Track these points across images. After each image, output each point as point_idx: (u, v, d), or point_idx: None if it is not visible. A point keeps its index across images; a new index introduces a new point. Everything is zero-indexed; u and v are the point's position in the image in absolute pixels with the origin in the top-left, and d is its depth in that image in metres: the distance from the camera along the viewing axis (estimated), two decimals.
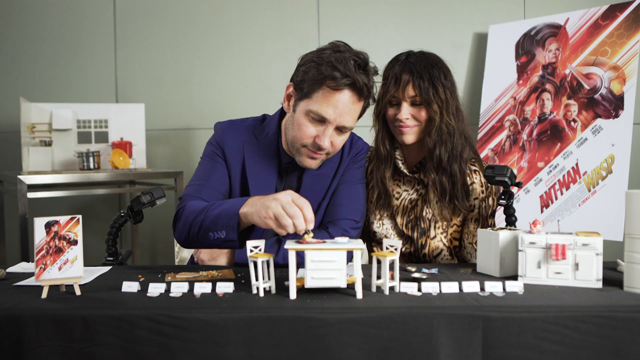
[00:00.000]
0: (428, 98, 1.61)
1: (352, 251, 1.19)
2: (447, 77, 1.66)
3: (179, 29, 3.32)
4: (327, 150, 1.56)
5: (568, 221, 2.77)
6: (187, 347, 1.07)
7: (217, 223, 1.43)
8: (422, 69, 1.63)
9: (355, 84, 1.49)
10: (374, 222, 1.76)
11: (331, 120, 1.51)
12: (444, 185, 1.66)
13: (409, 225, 1.72)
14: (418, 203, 1.72)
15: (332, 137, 1.54)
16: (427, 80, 1.61)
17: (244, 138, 1.67)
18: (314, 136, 1.53)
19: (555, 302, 1.13)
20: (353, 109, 1.53)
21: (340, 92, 1.49)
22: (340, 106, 1.50)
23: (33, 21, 3.30)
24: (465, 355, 1.08)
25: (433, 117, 1.62)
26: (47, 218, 1.20)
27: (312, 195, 1.63)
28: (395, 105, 1.67)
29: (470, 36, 3.26)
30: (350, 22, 3.28)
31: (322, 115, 1.50)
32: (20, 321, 1.08)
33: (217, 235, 1.44)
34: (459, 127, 1.66)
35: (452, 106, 1.65)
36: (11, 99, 3.19)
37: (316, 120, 1.52)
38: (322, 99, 1.50)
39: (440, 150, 1.64)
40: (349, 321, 1.07)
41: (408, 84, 1.63)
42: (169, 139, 3.34)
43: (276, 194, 1.32)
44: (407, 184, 1.75)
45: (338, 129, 1.54)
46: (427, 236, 1.70)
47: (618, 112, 2.71)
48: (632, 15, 2.73)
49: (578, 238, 1.27)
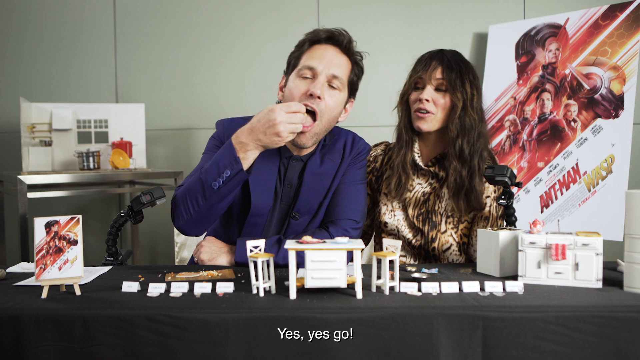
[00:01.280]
0: (454, 85, 1.66)
1: (352, 251, 1.19)
2: (476, 79, 1.72)
3: (179, 29, 3.32)
4: (319, 104, 1.53)
5: (568, 221, 2.77)
6: (187, 347, 1.07)
7: (218, 167, 1.44)
8: (453, 61, 1.70)
9: (334, 37, 1.58)
10: (386, 213, 1.77)
11: (320, 70, 1.54)
12: (463, 176, 1.68)
13: (420, 217, 1.73)
14: (430, 197, 1.74)
15: (324, 90, 1.55)
16: (456, 71, 1.67)
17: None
18: (306, 91, 1.54)
19: (555, 302, 1.13)
20: (338, 61, 1.57)
21: (322, 45, 1.58)
22: (327, 56, 1.56)
23: (33, 21, 3.30)
24: (465, 355, 1.08)
25: (456, 104, 1.66)
26: (47, 218, 1.20)
27: (312, 195, 1.63)
28: (419, 89, 1.71)
29: (470, 36, 3.26)
30: (350, 22, 3.28)
31: (310, 65, 1.55)
32: (20, 321, 1.08)
33: (223, 176, 1.43)
34: (481, 127, 1.69)
35: (477, 104, 1.69)
36: (11, 99, 3.19)
37: (307, 77, 1.56)
38: (307, 56, 1.58)
39: (462, 141, 1.67)
40: (349, 321, 1.07)
41: (436, 68, 1.68)
42: (169, 139, 3.34)
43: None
44: (422, 177, 1.76)
45: (329, 84, 1.56)
46: (438, 230, 1.71)
47: (618, 112, 2.71)
48: (632, 15, 2.73)
49: (578, 238, 1.28)
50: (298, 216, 1.64)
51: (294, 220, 1.64)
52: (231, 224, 1.66)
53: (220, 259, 1.57)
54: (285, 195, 1.65)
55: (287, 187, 1.65)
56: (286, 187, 1.65)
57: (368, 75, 3.23)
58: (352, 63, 1.62)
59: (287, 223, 1.65)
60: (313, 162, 1.65)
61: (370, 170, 1.83)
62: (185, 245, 2.20)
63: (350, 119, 3.18)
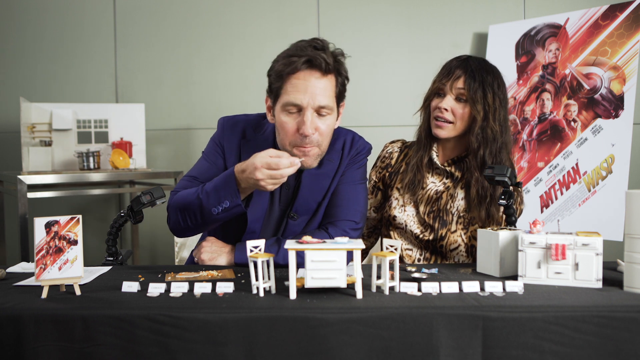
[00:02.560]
0: (475, 97, 1.66)
1: (352, 251, 1.19)
2: (500, 88, 1.70)
3: (179, 29, 3.32)
4: (314, 138, 1.51)
5: (568, 221, 2.77)
6: (187, 347, 1.07)
7: (218, 196, 1.47)
8: (477, 71, 1.68)
9: (312, 61, 1.48)
10: (396, 207, 1.77)
11: (305, 105, 1.48)
12: (486, 188, 1.68)
13: (432, 215, 1.74)
14: (443, 196, 1.75)
15: (315, 123, 1.50)
16: (479, 82, 1.67)
17: (243, 134, 1.67)
18: (296, 129, 1.50)
19: (555, 302, 1.13)
20: (322, 87, 1.49)
21: (302, 73, 1.48)
22: (309, 87, 1.48)
23: (33, 21, 3.30)
24: (465, 355, 1.08)
25: (476, 117, 1.66)
26: (47, 218, 1.20)
27: (311, 196, 1.63)
28: (441, 97, 1.72)
29: (470, 36, 3.26)
30: (350, 22, 3.28)
31: (294, 102, 1.49)
32: (20, 321, 1.08)
33: (222, 206, 1.47)
34: (504, 138, 1.69)
35: (500, 115, 1.69)
36: (11, 99, 3.19)
37: (293, 112, 1.51)
38: (289, 88, 1.49)
39: (484, 152, 1.67)
40: (349, 321, 1.07)
41: (459, 78, 1.68)
42: (169, 139, 3.34)
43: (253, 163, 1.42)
44: (436, 176, 1.78)
45: (318, 113, 1.51)
46: (448, 229, 1.72)
47: (618, 112, 2.71)
48: (632, 15, 2.73)
49: (578, 238, 1.27)
50: (296, 217, 1.63)
51: (292, 220, 1.63)
52: (228, 225, 1.65)
53: (220, 259, 1.57)
54: (283, 196, 1.64)
55: (284, 188, 1.63)
56: (284, 189, 1.64)
57: (368, 75, 3.26)
58: (335, 77, 1.53)
59: (285, 224, 1.64)
60: None
61: (384, 166, 1.85)
62: (185, 245, 2.20)
63: (350, 119, 3.19)
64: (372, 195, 1.87)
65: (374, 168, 1.89)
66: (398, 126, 3.18)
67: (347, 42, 3.34)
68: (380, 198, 1.86)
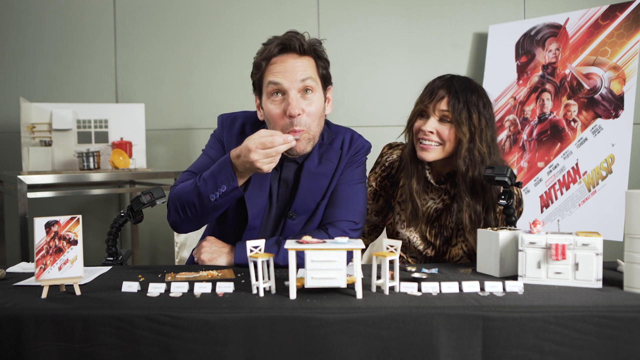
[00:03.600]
0: (459, 119, 1.60)
1: (352, 251, 1.19)
2: (486, 107, 1.65)
3: (179, 29, 3.32)
4: (302, 120, 1.51)
5: (568, 221, 2.77)
6: (187, 347, 1.07)
7: (215, 181, 1.46)
8: (461, 91, 1.62)
9: (285, 44, 1.52)
10: (399, 223, 1.77)
11: (287, 86, 1.50)
12: (478, 212, 1.64)
13: (433, 232, 1.73)
14: (442, 213, 1.73)
15: (301, 104, 1.51)
16: (463, 102, 1.60)
17: (242, 130, 1.68)
18: (283, 113, 1.51)
19: (555, 302, 1.13)
20: (301, 65, 1.52)
21: (278, 57, 1.53)
22: (288, 67, 1.51)
23: (33, 21, 3.30)
24: (465, 355, 1.08)
25: (462, 139, 1.61)
26: (47, 218, 1.20)
27: (310, 195, 1.62)
28: (424, 118, 1.66)
29: (470, 36, 3.26)
30: (350, 22, 3.28)
31: (276, 82, 1.51)
32: (20, 321, 1.08)
33: (220, 191, 1.46)
34: (493, 158, 1.64)
35: (486, 135, 1.63)
36: (11, 99, 3.19)
37: (277, 99, 1.52)
38: (269, 75, 1.53)
39: (473, 174, 1.62)
40: (349, 321, 1.07)
41: (442, 99, 1.62)
42: (169, 139, 3.34)
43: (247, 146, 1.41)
44: (434, 192, 1.74)
45: (303, 92, 1.52)
46: (449, 244, 1.72)
47: (618, 112, 2.71)
48: (632, 15, 2.73)
49: (578, 238, 1.27)
50: (295, 216, 1.62)
51: (291, 220, 1.63)
52: (226, 223, 1.66)
53: (220, 259, 1.57)
54: (281, 195, 1.64)
55: (282, 187, 1.63)
56: (282, 187, 1.63)
57: (368, 75, 3.26)
58: (314, 59, 1.56)
59: (284, 223, 1.64)
60: (310, 162, 1.62)
61: (386, 176, 1.82)
62: (185, 245, 2.20)
63: (350, 119, 3.20)
64: (373, 202, 1.84)
65: (372, 173, 1.85)
66: (398, 126, 3.14)
67: (347, 42, 3.37)
68: (382, 203, 1.84)
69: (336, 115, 3.33)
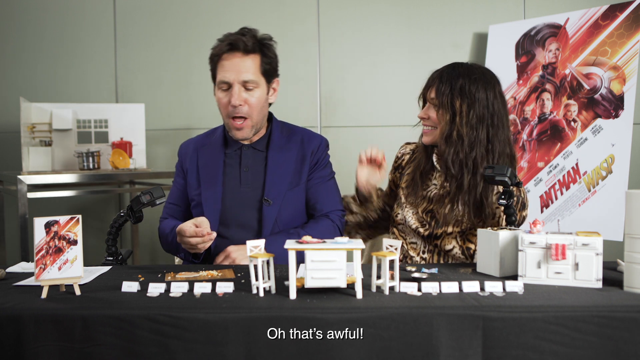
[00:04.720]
0: (442, 101, 1.68)
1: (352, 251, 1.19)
2: (473, 90, 1.67)
3: (179, 29, 3.32)
4: (243, 109, 1.71)
5: (568, 221, 2.77)
6: (187, 347, 1.07)
7: (178, 247, 1.69)
8: (449, 76, 1.70)
9: (232, 44, 1.71)
10: (399, 204, 1.83)
11: (231, 80, 1.71)
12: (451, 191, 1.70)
13: (429, 214, 1.77)
14: (442, 199, 1.75)
15: (243, 96, 1.71)
16: (447, 86, 1.68)
17: (198, 145, 1.88)
18: (228, 102, 1.72)
19: (555, 302, 1.13)
20: (244, 65, 1.71)
21: (226, 55, 1.72)
22: (233, 66, 1.71)
23: (33, 21, 3.30)
24: (465, 355, 1.08)
25: (440, 120, 1.70)
26: (47, 218, 1.20)
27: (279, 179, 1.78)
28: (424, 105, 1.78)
29: (470, 36, 3.26)
30: (350, 22, 3.28)
31: (222, 80, 1.72)
32: (20, 321, 1.08)
33: (183, 253, 1.72)
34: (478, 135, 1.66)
35: (469, 117, 1.66)
36: (11, 99, 3.19)
37: (225, 89, 1.73)
38: (219, 70, 1.74)
39: (448, 154, 1.67)
40: (349, 321, 1.07)
41: (433, 86, 1.72)
42: (169, 139, 3.34)
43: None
44: (439, 179, 1.79)
45: (245, 88, 1.72)
46: (444, 231, 1.74)
47: (618, 112, 2.71)
48: (632, 15, 2.73)
49: (578, 238, 1.27)
50: (270, 202, 1.76)
51: (267, 205, 1.76)
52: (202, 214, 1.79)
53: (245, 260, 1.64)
54: (247, 179, 1.79)
55: (244, 171, 1.79)
56: (244, 171, 1.79)
57: (368, 75, 3.26)
58: (260, 56, 1.74)
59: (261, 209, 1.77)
60: (272, 151, 1.81)
61: (396, 167, 1.92)
62: None
63: (351, 119, 3.20)
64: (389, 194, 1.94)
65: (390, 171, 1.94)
66: (398, 126, 3.18)
67: (347, 42, 3.36)
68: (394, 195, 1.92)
69: (336, 115, 3.34)
